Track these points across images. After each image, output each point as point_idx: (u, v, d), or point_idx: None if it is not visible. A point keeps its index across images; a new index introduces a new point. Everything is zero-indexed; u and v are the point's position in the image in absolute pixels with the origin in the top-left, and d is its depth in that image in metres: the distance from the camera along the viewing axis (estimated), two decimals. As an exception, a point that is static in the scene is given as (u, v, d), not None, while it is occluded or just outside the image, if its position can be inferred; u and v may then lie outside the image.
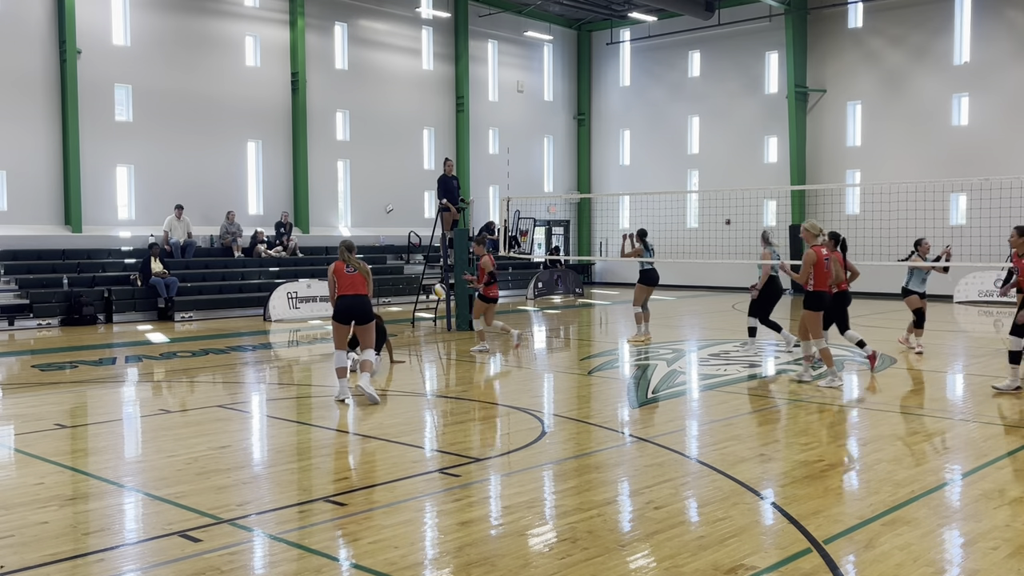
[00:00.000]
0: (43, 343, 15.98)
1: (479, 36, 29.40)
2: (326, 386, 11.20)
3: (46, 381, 11.48)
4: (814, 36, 27.86)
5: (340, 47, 26.07)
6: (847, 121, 27.49)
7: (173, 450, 7.59)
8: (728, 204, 27.19)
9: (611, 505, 6.08)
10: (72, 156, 20.52)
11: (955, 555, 5.16)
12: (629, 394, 10.31)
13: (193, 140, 22.71)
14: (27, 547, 5.16)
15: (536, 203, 30.10)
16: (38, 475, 6.76)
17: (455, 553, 5.10)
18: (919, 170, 24.79)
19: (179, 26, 22.53)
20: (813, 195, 27.14)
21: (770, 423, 9.04)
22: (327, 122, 25.59)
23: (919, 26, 25.85)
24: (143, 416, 9.52)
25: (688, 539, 5.30)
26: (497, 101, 30.31)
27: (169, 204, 21.73)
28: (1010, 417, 9.01)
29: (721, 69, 29.70)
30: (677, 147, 30.77)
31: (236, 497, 6.22)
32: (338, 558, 5.07)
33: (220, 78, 23.25)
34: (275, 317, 19.51)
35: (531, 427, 8.57)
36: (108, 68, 21.36)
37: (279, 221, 23.91)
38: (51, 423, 8.82)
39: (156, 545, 5.23)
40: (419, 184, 27.49)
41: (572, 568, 4.83)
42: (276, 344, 15.87)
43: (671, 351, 14.06)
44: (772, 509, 5.96)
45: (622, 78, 32.45)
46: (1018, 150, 23.87)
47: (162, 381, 11.77)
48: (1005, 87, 24.46)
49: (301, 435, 8.59)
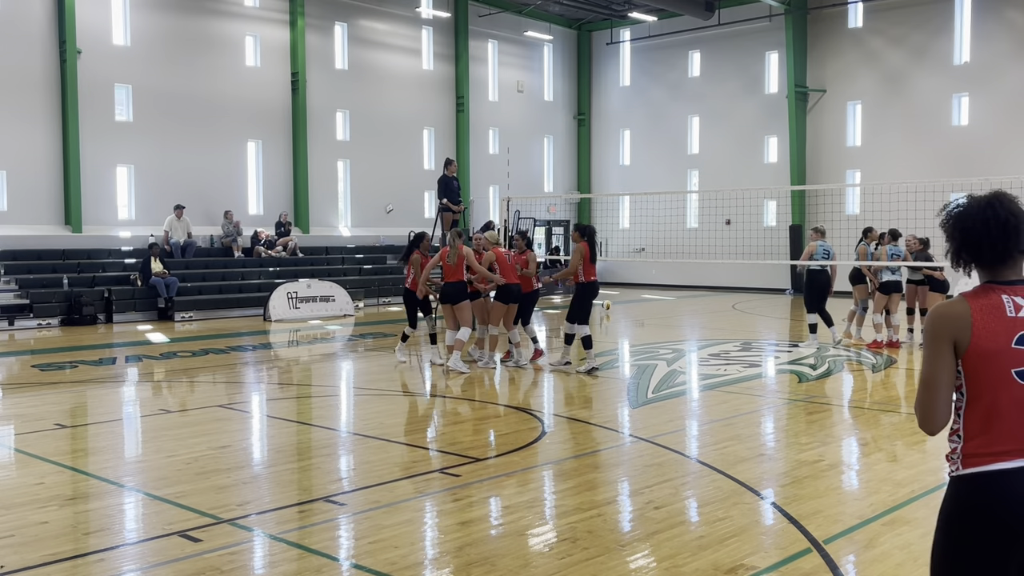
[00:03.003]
0: (43, 343, 15.98)
1: (479, 36, 29.39)
2: (326, 386, 11.21)
3: (46, 381, 11.48)
4: (814, 36, 27.86)
5: (340, 47, 26.07)
6: (847, 121, 27.48)
7: (173, 450, 7.59)
8: (728, 204, 27.19)
9: (611, 505, 6.08)
10: (72, 156, 20.52)
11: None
12: (629, 394, 10.31)
13: (193, 140, 22.70)
14: (27, 547, 5.16)
15: (536, 203, 30.09)
16: (38, 475, 6.76)
17: (455, 553, 5.10)
18: (919, 170, 24.78)
19: (179, 26, 22.53)
20: (813, 195, 27.13)
21: (770, 423, 9.04)
22: (327, 122, 25.59)
23: (919, 26, 25.85)
24: (143, 416, 9.52)
25: (688, 539, 5.30)
26: (497, 101, 30.31)
27: (169, 204, 21.73)
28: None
29: (721, 69, 29.70)
30: (677, 147, 30.77)
31: (236, 497, 6.22)
32: (338, 558, 5.07)
33: (220, 78, 23.25)
34: (275, 317, 19.51)
35: (531, 427, 8.57)
36: (108, 68, 21.36)
37: (279, 221, 23.92)
38: (51, 423, 8.82)
39: (156, 545, 5.24)
40: (419, 184, 27.49)
41: (572, 568, 4.83)
42: (276, 344, 15.87)
43: (671, 351, 14.05)
44: (772, 509, 5.96)
45: (622, 78, 32.45)
46: (1018, 150, 23.86)
47: (162, 381, 11.77)
48: (1005, 87, 24.46)
49: (301, 435, 8.59)
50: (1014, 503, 2.50)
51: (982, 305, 2.60)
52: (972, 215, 2.67)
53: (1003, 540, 2.50)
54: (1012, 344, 2.56)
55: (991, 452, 2.56)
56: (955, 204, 2.74)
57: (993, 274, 2.68)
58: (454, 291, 11.76)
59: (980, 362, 2.58)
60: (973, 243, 2.67)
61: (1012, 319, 2.58)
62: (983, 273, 2.72)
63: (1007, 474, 2.53)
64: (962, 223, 2.68)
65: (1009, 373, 2.56)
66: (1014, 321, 2.57)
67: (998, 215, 2.63)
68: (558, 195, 31.66)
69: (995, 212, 2.64)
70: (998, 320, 2.58)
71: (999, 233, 2.63)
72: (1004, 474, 2.53)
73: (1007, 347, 2.56)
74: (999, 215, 2.63)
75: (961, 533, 2.58)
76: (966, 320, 2.59)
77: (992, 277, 2.68)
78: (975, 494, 2.57)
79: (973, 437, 2.60)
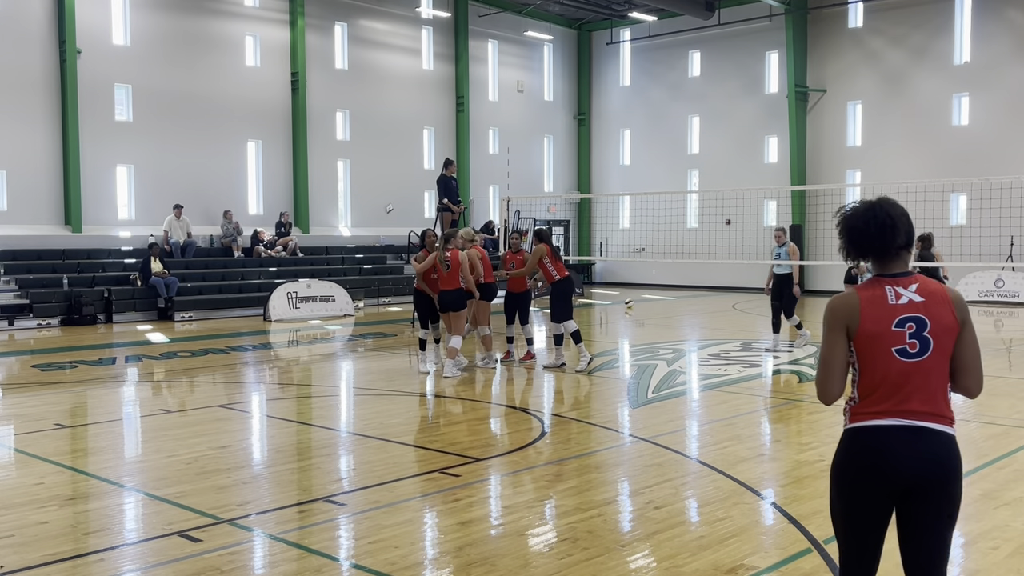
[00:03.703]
0: (43, 343, 15.97)
1: (479, 36, 29.39)
2: (326, 386, 11.21)
3: (46, 381, 11.48)
4: (814, 36, 27.86)
5: (340, 47, 26.07)
6: (847, 121, 27.49)
7: (173, 450, 7.59)
8: (728, 204, 27.19)
9: (611, 505, 6.08)
10: (72, 156, 20.51)
11: (955, 555, 5.16)
12: (629, 394, 10.31)
13: (193, 140, 22.70)
14: (27, 547, 5.16)
15: (536, 203, 30.10)
16: (38, 475, 6.76)
17: (455, 553, 5.10)
18: (919, 170, 24.78)
19: (179, 26, 22.53)
20: (813, 195, 27.13)
21: (770, 423, 9.04)
22: (327, 122, 25.59)
23: (919, 26, 25.85)
24: (143, 416, 9.52)
25: (688, 539, 5.30)
26: (497, 101, 30.31)
27: (169, 204, 21.73)
28: (1010, 417, 9.01)
29: (721, 69, 29.70)
30: (677, 147, 30.77)
31: (236, 497, 6.22)
32: (338, 558, 5.07)
33: (220, 78, 23.25)
34: (275, 317, 19.51)
35: (531, 427, 8.57)
36: (108, 68, 21.36)
37: (279, 221, 23.92)
38: (51, 423, 8.82)
39: (156, 545, 5.23)
40: (419, 184, 27.49)
41: (572, 568, 4.83)
42: (276, 344, 15.87)
43: (671, 351, 14.05)
44: (772, 509, 5.96)
45: (622, 78, 32.45)
46: (1018, 150, 23.86)
47: (162, 381, 11.77)
48: (1005, 87, 24.46)
49: (301, 435, 8.59)
50: (886, 452, 3.08)
51: (869, 295, 3.12)
52: (857, 217, 3.15)
53: (877, 480, 3.10)
54: (892, 327, 3.09)
55: (871, 412, 3.12)
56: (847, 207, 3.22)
57: (881, 268, 3.17)
58: (454, 299, 11.35)
59: (867, 342, 3.11)
60: (857, 242, 3.16)
61: (892, 306, 3.10)
62: (875, 267, 3.20)
63: (882, 428, 3.10)
64: (848, 224, 3.17)
65: (890, 350, 3.09)
66: (894, 308, 3.10)
67: (877, 216, 3.12)
68: (558, 195, 31.66)
69: (875, 214, 3.12)
70: (881, 308, 3.10)
71: (878, 233, 3.11)
72: (880, 428, 3.10)
73: (888, 330, 3.09)
74: (878, 217, 3.11)
75: (846, 475, 3.18)
76: (856, 309, 3.12)
77: (880, 271, 3.17)
78: (856, 444, 3.16)
79: (862, 399, 3.16)
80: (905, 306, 3.09)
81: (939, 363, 3.09)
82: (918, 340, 3.08)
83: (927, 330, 3.08)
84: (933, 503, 3.09)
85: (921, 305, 3.09)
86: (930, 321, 3.08)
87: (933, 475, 3.06)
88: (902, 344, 3.08)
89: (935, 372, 3.09)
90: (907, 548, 3.21)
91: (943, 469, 3.07)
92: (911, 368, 3.08)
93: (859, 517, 3.19)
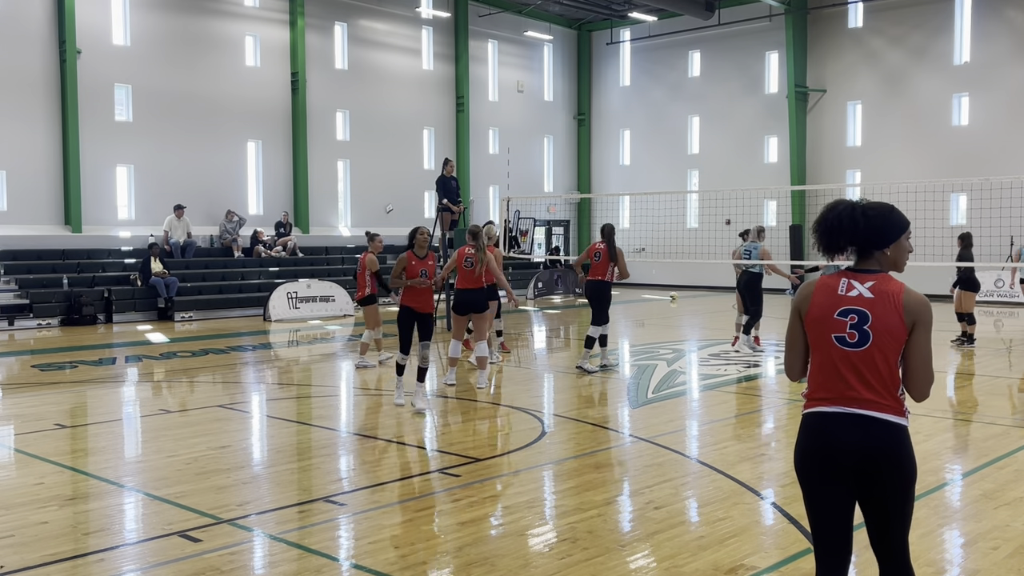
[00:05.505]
0: (43, 343, 15.97)
1: (479, 36, 29.39)
2: (326, 386, 11.20)
3: (46, 381, 11.48)
4: (814, 36, 27.85)
5: (340, 47, 26.06)
6: (847, 121, 27.48)
7: (173, 450, 7.59)
8: (728, 204, 27.18)
9: (611, 505, 6.08)
10: (72, 156, 20.51)
11: (955, 555, 5.16)
12: (629, 394, 10.31)
13: (193, 140, 22.70)
14: (27, 547, 5.16)
15: (536, 203, 30.10)
16: (38, 475, 6.76)
17: (455, 553, 5.10)
18: (919, 170, 24.78)
19: (179, 26, 22.53)
20: (813, 195, 27.12)
21: (770, 423, 9.04)
22: (327, 122, 25.59)
23: (919, 26, 25.84)
24: (143, 416, 9.52)
25: (688, 539, 5.30)
26: (497, 101, 30.30)
27: (169, 204, 21.72)
28: (1010, 417, 9.01)
29: (721, 69, 29.69)
30: (677, 147, 30.77)
31: (236, 497, 6.22)
32: (338, 558, 5.07)
33: (220, 78, 23.24)
34: (275, 317, 19.51)
35: (531, 427, 8.57)
36: (108, 68, 21.35)
37: (279, 221, 23.92)
38: (51, 423, 8.82)
39: (156, 545, 5.23)
40: (419, 184, 27.48)
41: (572, 568, 4.83)
42: (276, 344, 15.87)
43: (671, 351, 14.05)
44: (772, 509, 5.96)
45: (622, 78, 32.45)
46: (1018, 150, 23.86)
47: (162, 381, 11.77)
48: (1005, 87, 24.45)
49: (301, 435, 8.59)
50: (831, 436, 3.26)
51: (823, 285, 3.33)
52: (824, 218, 3.36)
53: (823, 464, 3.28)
54: (834, 315, 3.27)
55: (818, 398, 3.32)
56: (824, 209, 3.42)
57: (855, 263, 3.35)
58: (477, 299, 10.52)
59: (812, 328, 3.33)
60: (823, 241, 3.35)
61: (840, 296, 3.28)
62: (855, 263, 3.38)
63: (827, 415, 3.28)
64: (817, 224, 3.37)
65: (830, 337, 3.28)
66: (841, 298, 3.28)
67: (828, 218, 3.32)
68: (558, 195, 31.66)
69: (835, 214, 3.31)
70: (830, 296, 3.30)
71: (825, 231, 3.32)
72: (825, 415, 3.29)
73: (830, 317, 3.28)
74: (828, 218, 3.32)
75: (797, 458, 3.38)
76: (808, 295, 3.36)
77: (852, 266, 3.35)
78: (805, 429, 3.36)
79: (812, 386, 3.36)
80: (852, 299, 3.25)
81: (883, 357, 3.20)
82: (857, 332, 3.22)
83: (868, 324, 3.21)
84: (879, 485, 3.23)
85: (868, 301, 3.23)
86: (872, 318, 3.21)
87: (876, 461, 3.19)
88: (842, 333, 3.24)
89: (880, 364, 3.21)
90: (868, 527, 3.35)
91: (885, 455, 3.19)
92: (851, 357, 3.22)
93: (813, 499, 3.36)
